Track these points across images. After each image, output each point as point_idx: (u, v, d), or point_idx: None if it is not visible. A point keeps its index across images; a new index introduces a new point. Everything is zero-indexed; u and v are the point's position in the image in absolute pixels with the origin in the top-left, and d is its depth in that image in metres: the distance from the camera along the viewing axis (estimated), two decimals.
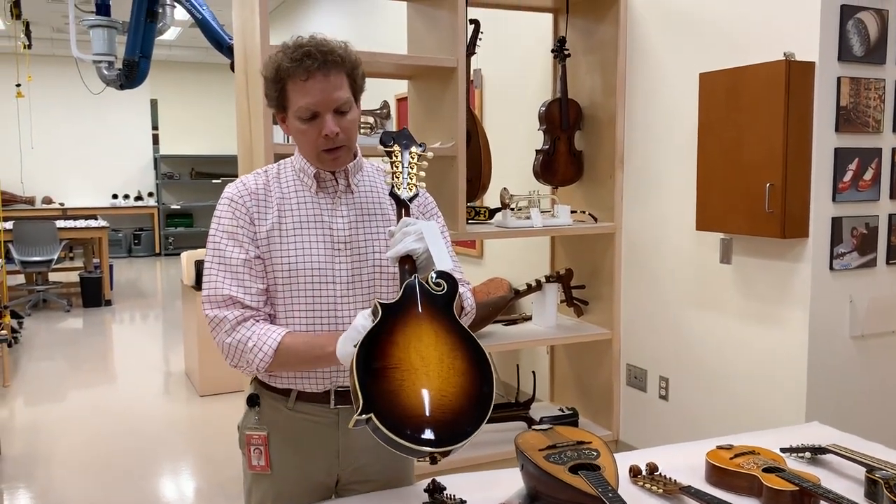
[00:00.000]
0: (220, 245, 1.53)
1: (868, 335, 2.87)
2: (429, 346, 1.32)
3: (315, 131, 1.51)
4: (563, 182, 3.76)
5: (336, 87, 1.51)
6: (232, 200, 1.56)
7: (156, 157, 12.65)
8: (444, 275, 1.42)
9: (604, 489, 1.39)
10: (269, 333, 1.48)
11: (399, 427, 1.21)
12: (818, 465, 1.77)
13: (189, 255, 4.99)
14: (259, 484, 1.61)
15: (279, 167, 1.64)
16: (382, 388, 1.25)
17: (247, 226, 1.54)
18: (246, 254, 1.53)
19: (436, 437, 1.23)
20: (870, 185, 2.79)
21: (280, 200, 1.57)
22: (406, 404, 1.24)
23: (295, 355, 1.47)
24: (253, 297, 1.52)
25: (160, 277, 10.52)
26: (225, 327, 1.49)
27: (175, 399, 4.94)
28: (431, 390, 1.26)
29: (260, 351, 1.46)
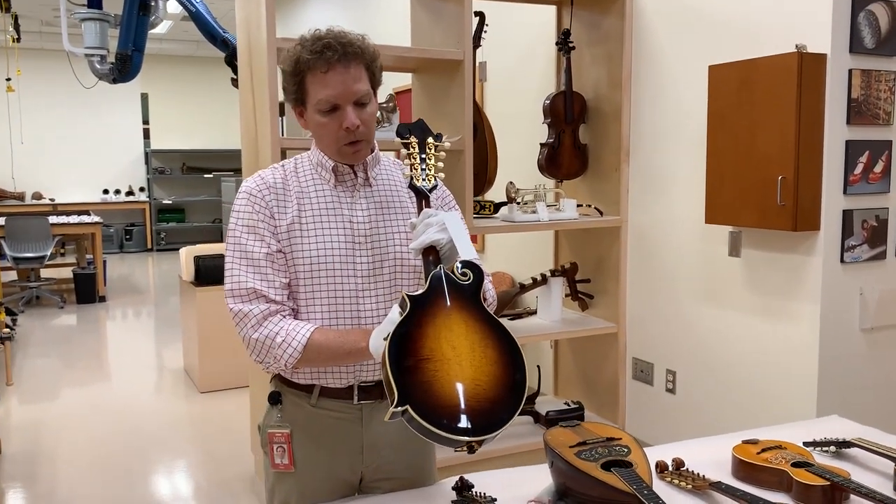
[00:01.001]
0: (240, 239, 1.50)
1: (877, 327, 2.87)
2: (459, 336, 1.30)
3: (335, 124, 1.49)
4: (567, 176, 3.74)
5: (356, 78, 1.49)
6: (251, 195, 1.53)
7: (147, 152, 12.55)
8: (469, 264, 1.40)
9: (639, 486, 1.38)
10: (299, 329, 1.45)
11: (435, 417, 1.19)
12: (842, 459, 1.76)
13: (188, 251, 4.95)
14: (282, 483, 1.59)
15: (295, 162, 1.61)
16: (416, 379, 1.23)
17: (267, 220, 1.52)
18: (268, 248, 1.50)
19: (472, 425, 1.21)
20: (880, 177, 2.79)
21: (299, 195, 1.55)
22: (441, 394, 1.22)
23: (326, 351, 1.45)
24: (277, 290, 1.50)
25: (153, 273, 10.45)
26: (251, 322, 1.46)
27: (175, 396, 4.89)
28: (465, 380, 1.25)
29: (289, 347, 1.44)
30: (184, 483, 3.61)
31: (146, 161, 12.57)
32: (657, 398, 3.53)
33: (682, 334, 3.37)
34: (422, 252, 1.43)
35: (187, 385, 5.08)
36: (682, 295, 3.35)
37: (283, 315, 1.48)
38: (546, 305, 3.71)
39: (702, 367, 3.27)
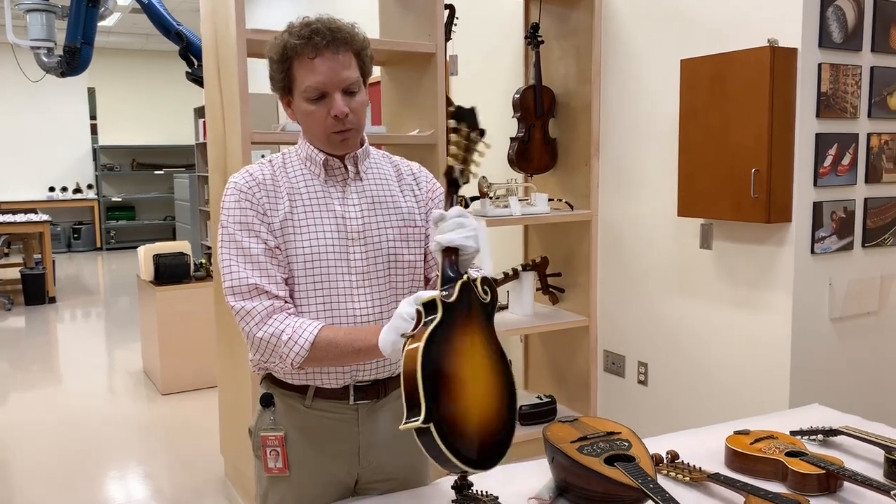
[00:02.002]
0: (235, 236, 1.45)
1: (845, 317, 2.94)
2: (476, 357, 1.27)
3: (323, 112, 1.45)
4: (537, 170, 3.74)
5: (345, 65, 1.45)
6: (241, 191, 1.48)
7: (94, 148, 12.19)
8: (490, 284, 1.36)
9: (644, 480, 1.37)
10: (305, 326, 1.40)
11: (454, 443, 1.16)
12: (829, 447, 1.79)
13: (147, 249, 4.80)
14: (276, 487, 1.54)
15: (283, 157, 1.56)
16: (443, 399, 1.18)
17: (260, 217, 1.46)
18: (265, 244, 1.45)
19: (480, 458, 1.21)
20: (848, 169, 2.85)
21: (290, 191, 1.50)
22: (459, 420, 1.19)
23: (335, 349, 1.39)
24: (279, 285, 1.45)
25: (103, 273, 10.16)
26: (255, 319, 1.41)
27: (135, 399, 4.75)
28: (478, 408, 1.23)
29: (296, 345, 1.39)
30: (150, 488, 3.50)
31: (94, 157, 12.21)
32: (629, 390, 3.56)
33: (653, 326, 3.40)
34: (442, 249, 1.36)
35: (148, 387, 4.94)
36: (654, 287, 3.38)
37: (288, 312, 1.43)
38: (517, 300, 3.71)
39: (673, 359, 3.30)
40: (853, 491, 1.53)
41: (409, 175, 1.65)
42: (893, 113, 2.93)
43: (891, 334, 3.08)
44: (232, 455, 3.42)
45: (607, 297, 3.64)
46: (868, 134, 2.89)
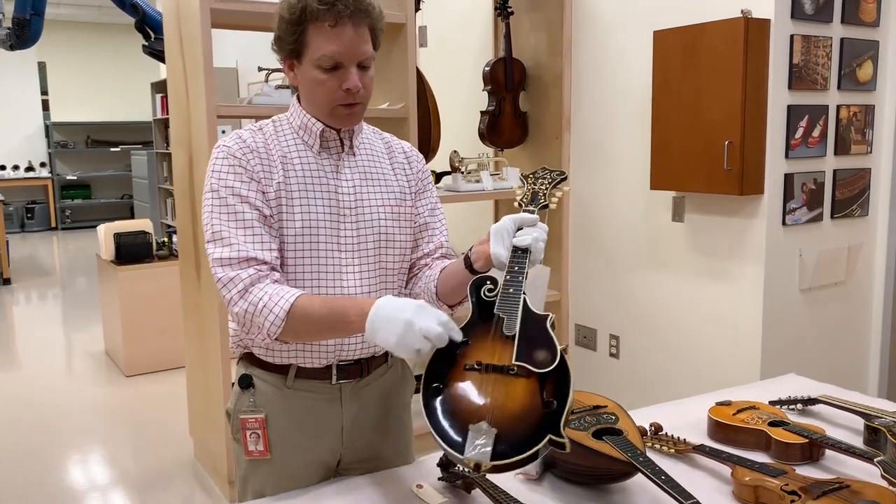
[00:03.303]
0: (227, 201, 1.38)
1: (815, 287, 2.97)
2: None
3: (335, 83, 1.39)
4: (508, 144, 3.71)
5: (363, 39, 1.39)
6: (233, 156, 1.40)
7: (47, 125, 11.80)
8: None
9: (633, 453, 1.36)
10: (283, 294, 1.33)
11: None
12: (808, 416, 1.80)
13: (107, 228, 4.67)
14: (257, 470, 1.49)
15: (274, 124, 1.49)
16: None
17: (255, 184, 1.40)
18: (259, 211, 1.39)
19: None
20: (818, 141, 2.87)
21: (283, 160, 1.44)
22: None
23: (310, 320, 1.32)
24: (272, 252, 1.38)
25: (59, 253, 9.89)
26: (237, 287, 1.34)
27: (98, 382, 4.64)
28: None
29: (270, 313, 1.32)
30: (117, 472, 3.42)
31: (46, 134, 11.83)
32: (601, 363, 3.58)
33: (625, 300, 3.41)
34: (514, 248, 1.38)
35: (111, 369, 4.83)
36: (625, 261, 3.38)
37: (273, 280, 1.37)
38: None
39: (645, 332, 3.32)
40: (835, 458, 1.55)
41: (400, 154, 1.60)
42: (862, 85, 2.95)
43: (857, 303, 3.13)
44: (201, 436, 3.36)
45: (578, 272, 3.64)
46: (837, 106, 2.91)
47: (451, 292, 1.50)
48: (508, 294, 1.34)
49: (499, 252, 1.38)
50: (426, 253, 1.59)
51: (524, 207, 1.48)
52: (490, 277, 1.39)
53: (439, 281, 1.51)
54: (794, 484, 1.33)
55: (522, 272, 1.36)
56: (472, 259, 1.44)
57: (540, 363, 1.23)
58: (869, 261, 3.13)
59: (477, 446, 1.13)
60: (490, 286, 1.37)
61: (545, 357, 1.24)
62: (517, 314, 1.31)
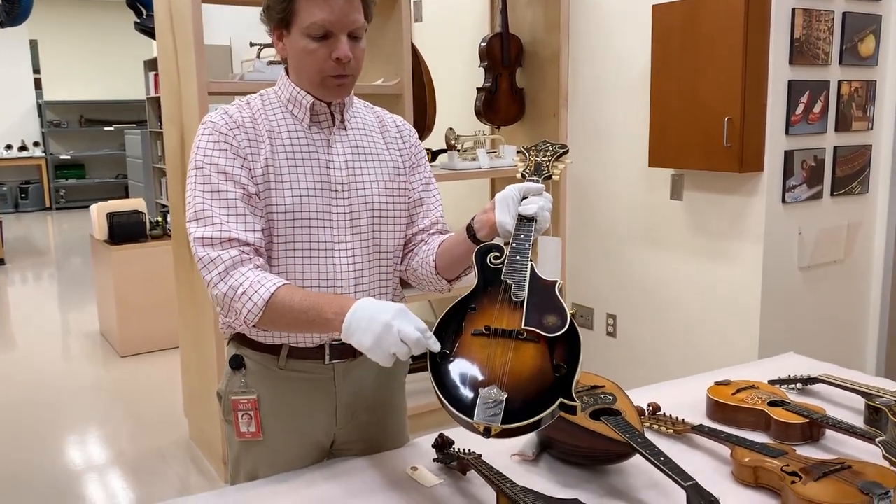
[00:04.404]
0: (211, 179, 1.34)
1: (813, 265, 2.95)
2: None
3: (325, 53, 1.34)
4: (505, 121, 3.66)
5: (355, 7, 1.35)
6: (220, 132, 1.36)
7: (40, 104, 11.68)
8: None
9: (631, 434, 1.34)
10: (263, 282, 1.29)
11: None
12: (808, 395, 1.78)
13: (100, 208, 4.62)
14: (249, 452, 1.47)
15: (262, 98, 1.45)
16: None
17: (241, 161, 1.36)
18: (244, 189, 1.35)
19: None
20: (819, 117, 2.83)
21: (271, 135, 1.40)
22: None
23: (288, 314, 1.28)
24: (255, 233, 1.35)
25: (54, 233, 9.84)
26: (217, 269, 1.30)
27: (93, 362, 4.62)
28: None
29: (249, 301, 1.29)
30: (113, 452, 3.41)
31: (39, 113, 11.71)
32: (598, 342, 3.56)
33: (622, 279, 3.38)
34: (519, 216, 1.36)
35: (105, 350, 4.80)
36: (623, 239, 3.35)
37: (256, 264, 1.33)
38: None
39: (643, 310, 3.30)
40: (835, 438, 1.53)
41: (393, 128, 1.56)
42: (864, 60, 2.91)
43: (855, 282, 3.11)
44: (196, 417, 3.34)
45: (576, 250, 3.61)
46: (839, 81, 2.87)
47: (451, 265, 1.47)
48: (515, 261, 1.32)
49: (504, 220, 1.35)
50: (422, 229, 1.56)
51: (528, 177, 1.45)
52: (496, 245, 1.37)
53: (438, 254, 1.48)
54: (795, 464, 1.31)
55: (529, 240, 1.34)
56: (475, 228, 1.41)
57: (549, 328, 1.22)
58: (868, 239, 3.11)
59: (487, 410, 1.12)
60: (496, 253, 1.35)
61: (555, 322, 1.23)
62: (525, 280, 1.29)
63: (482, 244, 1.37)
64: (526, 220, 1.35)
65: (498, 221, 1.35)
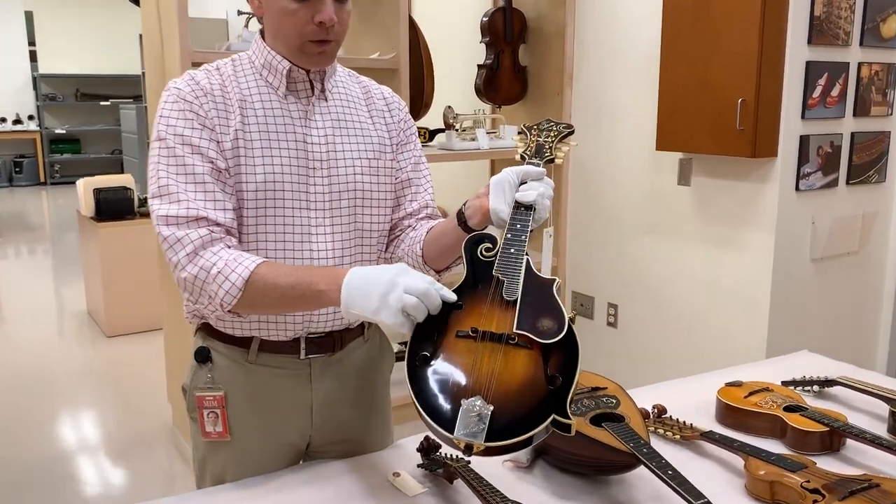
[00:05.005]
0: (176, 152, 1.20)
1: (826, 257, 2.82)
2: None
3: (307, 15, 1.20)
4: (506, 100, 3.52)
5: None
6: (185, 100, 1.22)
7: (35, 77, 11.48)
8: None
9: (636, 444, 1.21)
10: (241, 260, 1.16)
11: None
12: (824, 399, 1.66)
13: (86, 183, 4.48)
14: (216, 454, 1.34)
15: (233, 64, 1.31)
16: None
17: (208, 132, 1.22)
18: (212, 163, 1.21)
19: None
20: (836, 101, 2.68)
21: (241, 104, 1.25)
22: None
23: (273, 291, 1.15)
24: (226, 212, 1.21)
25: (48, 209, 9.70)
26: (185, 249, 1.17)
27: (79, 342, 4.50)
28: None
29: (226, 280, 1.15)
30: (94, 434, 3.30)
31: (34, 87, 11.51)
32: (598, 333, 3.43)
33: (625, 267, 3.25)
34: (517, 204, 1.22)
35: (92, 329, 4.68)
36: (627, 226, 3.22)
37: (227, 244, 1.20)
38: None
39: (646, 301, 3.17)
40: (856, 448, 1.40)
41: (380, 100, 1.42)
42: (886, 41, 2.76)
43: (869, 275, 2.98)
44: (180, 403, 3.21)
45: (577, 236, 3.47)
46: (859, 63, 2.72)
47: (439, 255, 1.34)
48: (509, 254, 1.17)
49: (499, 207, 1.21)
50: (409, 213, 1.42)
51: (528, 160, 1.30)
52: (488, 235, 1.23)
53: (426, 242, 1.35)
54: (817, 480, 1.18)
55: (525, 231, 1.20)
56: (466, 215, 1.27)
57: (544, 333, 1.07)
58: (884, 230, 2.97)
59: (469, 424, 0.98)
60: (488, 245, 1.20)
61: (550, 326, 1.08)
62: (519, 277, 1.15)
63: (473, 233, 1.23)
64: (523, 209, 1.21)
65: (492, 208, 1.22)
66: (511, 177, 1.23)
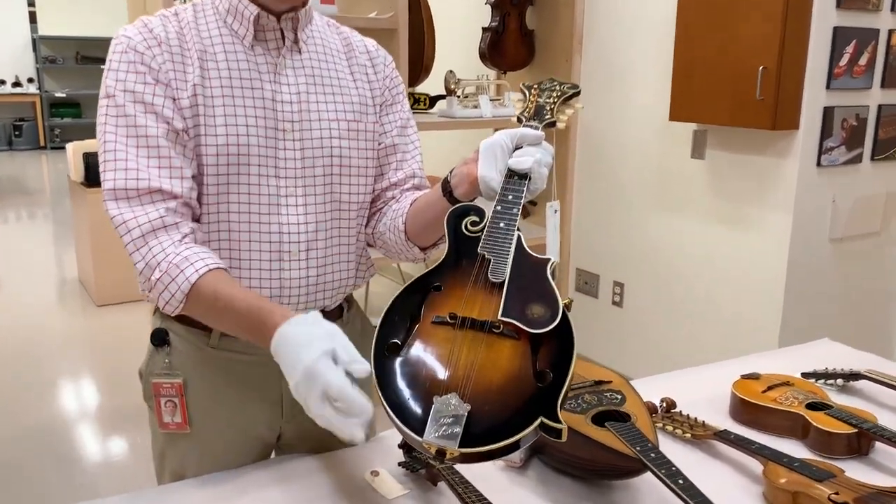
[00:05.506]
0: (126, 110, 1.06)
1: (847, 237, 2.66)
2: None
3: None
4: (512, 66, 3.35)
5: None
6: (134, 51, 1.07)
7: (34, 38, 11.28)
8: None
9: (643, 447, 1.07)
10: (186, 266, 1.02)
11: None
12: (848, 394, 1.52)
13: (76, 147, 4.33)
14: (175, 447, 1.21)
15: (194, 8, 1.15)
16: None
17: (162, 88, 1.07)
18: (167, 124, 1.07)
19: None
20: (864, 70, 2.51)
21: (201, 55, 1.10)
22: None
23: (213, 312, 1.04)
24: (183, 181, 1.07)
25: (48, 173, 9.57)
26: (132, 235, 1.04)
27: (70, 310, 4.39)
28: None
29: (165, 290, 1.03)
30: (81, 405, 3.20)
31: (34, 49, 11.32)
32: (602, 312, 3.30)
33: (632, 244, 3.10)
34: (510, 172, 1.07)
35: (83, 298, 4.57)
36: (635, 201, 3.06)
37: (181, 231, 1.06)
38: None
39: (653, 280, 3.02)
40: (885, 452, 1.27)
41: (362, 54, 1.26)
42: None
43: (892, 257, 2.82)
44: None
45: (583, 211, 3.32)
46: (889, 30, 2.54)
47: (423, 230, 1.19)
48: (498, 229, 1.03)
49: (489, 175, 1.07)
50: (394, 183, 1.27)
51: (525, 122, 1.15)
52: (475, 207, 1.08)
53: (409, 216, 1.20)
54: (847, 493, 1.05)
55: (518, 203, 1.05)
56: (452, 184, 1.13)
57: (534, 321, 0.93)
58: None
59: (442, 426, 0.85)
60: (474, 218, 1.06)
61: (542, 313, 0.94)
62: (508, 256, 1.00)
63: (458, 204, 1.09)
64: (517, 177, 1.06)
65: (480, 176, 1.07)
66: (504, 141, 1.08)
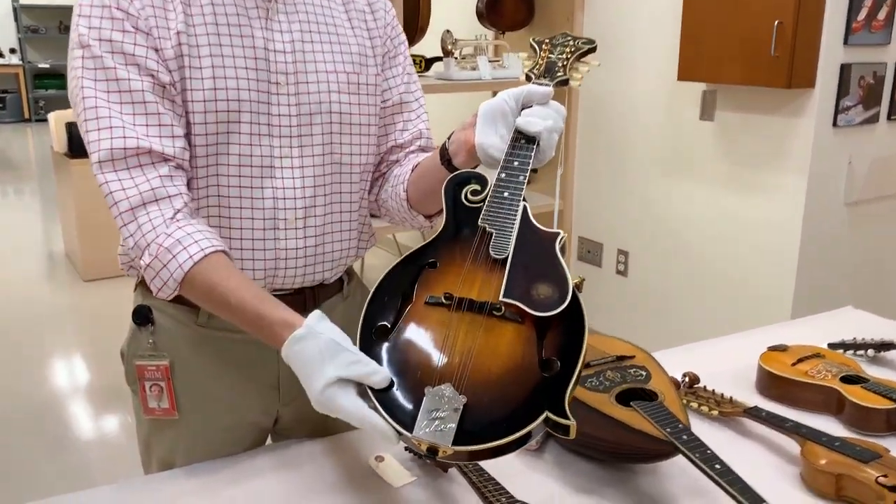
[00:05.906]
0: (105, 63, 0.94)
1: (862, 201, 2.57)
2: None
3: None
4: (511, 25, 3.24)
5: None
6: None
7: (15, 7, 11.00)
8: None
9: (674, 428, 0.98)
10: (179, 250, 0.92)
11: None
12: (879, 365, 1.43)
13: (58, 116, 4.19)
14: (162, 433, 1.11)
15: None
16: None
17: (142, 37, 0.96)
18: (151, 77, 0.95)
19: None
20: (883, 25, 2.40)
21: (185, 4, 0.98)
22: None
23: (209, 300, 0.95)
24: (175, 140, 0.96)
25: (33, 145, 9.39)
26: (121, 208, 0.95)
27: (56, 284, 4.29)
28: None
29: (157, 277, 0.94)
30: (69, 382, 3.12)
31: (15, 18, 11.03)
32: (606, 281, 3.21)
33: (637, 211, 3.00)
34: (518, 134, 0.95)
35: (70, 272, 4.46)
36: (641, 165, 2.96)
37: (174, 205, 0.95)
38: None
39: (659, 248, 2.93)
40: None
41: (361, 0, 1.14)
42: None
43: None
44: None
45: (585, 177, 3.22)
46: None
47: (425, 197, 1.09)
48: (502, 199, 0.92)
49: (487, 141, 0.96)
50: (399, 144, 1.16)
51: (535, 80, 1.04)
52: (476, 175, 0.97)
53: (410, 182, 1.10)
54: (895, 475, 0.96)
55: (524, 170, 0.93)
56: (450, 151, 1.02)
57: (540, 302, 0.82)
58: None
59: (435, 421, 0.76)
60: (475, 187, 0.95)
61: (549, 294, 0.83)
62: (512, 229, 0.89)
63: (457, 172, 0.98)
64: (524, 141, 0.95)
65: (478, 143, 0.96)
66: (507, 103, 0.97)
